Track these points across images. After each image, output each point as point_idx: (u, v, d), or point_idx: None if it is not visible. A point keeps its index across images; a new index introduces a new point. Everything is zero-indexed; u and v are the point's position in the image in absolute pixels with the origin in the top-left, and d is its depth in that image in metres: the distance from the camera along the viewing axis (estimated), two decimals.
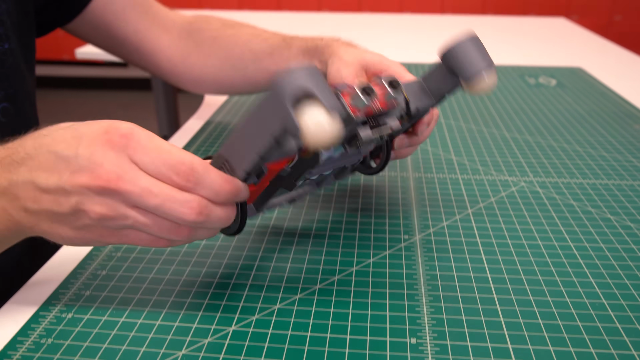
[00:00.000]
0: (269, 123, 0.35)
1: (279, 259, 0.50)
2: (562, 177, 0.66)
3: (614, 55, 1.28)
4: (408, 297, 0.45)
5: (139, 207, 0.37)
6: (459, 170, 0.68)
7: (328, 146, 0.33)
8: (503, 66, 1.17)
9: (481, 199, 0.61)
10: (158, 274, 0.48)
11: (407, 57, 1.24)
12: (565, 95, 0.97)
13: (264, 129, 0.35)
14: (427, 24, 1.65)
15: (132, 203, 0.37)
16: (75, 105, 3.32)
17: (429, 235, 0.54)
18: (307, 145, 0.33)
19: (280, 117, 0.33)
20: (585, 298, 0.45)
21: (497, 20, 1.70)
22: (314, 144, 0.33)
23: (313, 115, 0.32)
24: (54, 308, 0.44)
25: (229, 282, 0.47)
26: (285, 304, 0.44)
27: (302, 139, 0.33)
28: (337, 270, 0.48)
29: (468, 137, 0.78)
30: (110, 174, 0.36)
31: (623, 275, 0.48)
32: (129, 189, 0.36)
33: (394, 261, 0.50)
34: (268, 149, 0.36)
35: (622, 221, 0.56)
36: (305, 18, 1.73)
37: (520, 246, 0.52)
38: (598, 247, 0.52)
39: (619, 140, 0.77)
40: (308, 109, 0.32)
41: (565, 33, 1.53)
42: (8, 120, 0.57)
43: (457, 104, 0.92)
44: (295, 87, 0.32)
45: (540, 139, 0.77)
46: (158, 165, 0.37)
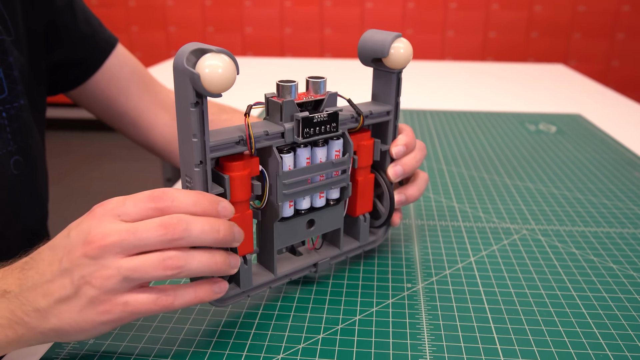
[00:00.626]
0: (184, 98, 0.39)
1: (282, 308, 0.50)
2: (564, 225, 0.66)
3: (612, 102, 1.30)
4: (411, 347, 0.45)
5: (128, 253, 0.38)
6: (461, 217, 0.68)
7: (228, 84, 0.38)
8: (503, 112, 1.19)
9: (483, 247, 0.61)
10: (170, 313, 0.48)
11: (407, 104, 1.26)
12: (565, 142, 0.99)
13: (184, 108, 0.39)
14: (426, 70, 1.67)
15: (121, 252, 0.38)
16: (80, 146, 3.36)
17: (431, 284, 0.54)
18: (210, 88, 0.38)
19: (185, 80, 0.38)
20: (589, 349, 0.45)
21: (497, 67, 1.73)
22: (214, 84, 0.38)
23: (205, 61, 0.38)
24: None
25: (232, 331, 0.47)
26: (288, 354, 0.44)
27: (204, 83, 0.38)
28: (341, 319, 0.48)
29: (470, 184, 0.79)
30: (96, 235, 0.38)
31: (627, 326, 0.48)
32: (115, 239, 0.37)
33: (397, 310, 0.50)
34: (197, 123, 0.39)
35: (624, 270, 0.57)
36: (308, 64, 1.76)
37: (523, 295, 0.52)
38: (601, 296, 0.52)
39: (620, 187, 0.78)
40: (200, 60, 0.38)
41: (564, 80, 1.56)
42: (20, 172, 0.58)
43: (458, 151, 0.93)
44: (184, 52, 0.38)
45: (542, 186, 0.78)
46: (137, 203, 0.39)
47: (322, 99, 0.47)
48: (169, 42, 3.21)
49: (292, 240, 0.50)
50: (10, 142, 0.57)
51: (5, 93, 0.56)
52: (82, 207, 2.20)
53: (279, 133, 0.45)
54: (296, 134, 0.46)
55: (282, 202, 0.47)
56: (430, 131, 1.05)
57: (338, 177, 0.50)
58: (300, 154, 0.47)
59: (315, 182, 0.49)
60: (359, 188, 0.53)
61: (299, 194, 0.48)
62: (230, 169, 0.43)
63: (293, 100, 0.45)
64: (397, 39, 0.49)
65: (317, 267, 0.52)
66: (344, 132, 0.49)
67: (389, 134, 0.54)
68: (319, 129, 0.47)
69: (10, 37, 0.58)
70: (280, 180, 0.46)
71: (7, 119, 0.56)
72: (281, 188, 0.46)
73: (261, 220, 0.49)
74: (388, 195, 0.54)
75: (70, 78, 0.70)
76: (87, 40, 0.69)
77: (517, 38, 3.01)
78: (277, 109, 0.46)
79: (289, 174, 0.46)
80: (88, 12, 0.71)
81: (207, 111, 0.40)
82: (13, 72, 0.57)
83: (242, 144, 0.43)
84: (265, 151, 0.46)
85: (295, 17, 3.08)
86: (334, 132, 0.48)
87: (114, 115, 0.75)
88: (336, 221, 0.53)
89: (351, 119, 0.50)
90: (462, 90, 1.40)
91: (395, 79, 0.52)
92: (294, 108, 0.46)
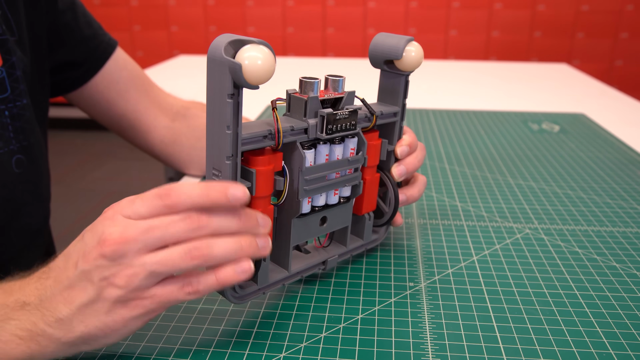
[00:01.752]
0: (219, 89, 0.39)
1: (285, 306, 0.50)
2: (567, 224, 0.66)
3: (616, 101, 1.30)
4: (414, 346, 0.45)
5: (150, 248, 0.37)
6: (463, 216, 0.68)
7: (267, 75, 0.38)
8: (506, 112, 1.19)
9: (486, 246, 0.61)
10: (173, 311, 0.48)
11: (411, 103, 1.26)
12: (568, 141, 0.98)
13: (219, 100, 0.39)
14: (429, 69, 1.67)
15: (143, 249, 0.37)
16: (82, 145, 3.36)
17: (434, 283, 0.54)
18: (250, 79, 0.38)
19: (224, 71, 0.38)
20: (592, 348, 0.45)
21: (500, 66, 1.73)
22: (255, 75, 0.38)
23: (245, 53, 0.38)
24: None
25: (234, 330, 0.47)
26: (290, 352, 0.44)
27: (244, 74, 0.37)
28: (343, 318, 0.48)
29: (473, 184, 0.79)
30: (112, 234, 0.37)
31: (629, 325, 0.48)
32: (133, 236, 0.37)
33: (399, 309, 0.50)
34: (231, 115, 0.39)
35: (627, 269, 0.56)
36: (311, 63, 1.76)
37: (526, 294, 0.52)
38: (604, 295, 0.52)
39: (623, 187, 0.78)
40: (240, 51, 0.38)
41: (567, 79, 1.55)
42: (21, 171, 0.58)
43: (461, 150, 0.93)
44: (221, 43, 0.38)
45: (545, 186, 0.78)
46: (145, 202, 0.38)
47: (342, 97, 0.48)
48: (171, 41, 3.21)
49: (306, 237, 0.51)
50: (13, 140, 0.57)
51: (8, 92, 0.56)
52: (84, 206, 2.21)
53: (303, 129, 0.46)
54: (320, 130, 0.46)
55: (302, 198, 0.47)
56: (433, 130, 1.05)
57: (351, 175, 0.51)
58: (321, 150, 0.48)
59: (332, 179, 0.49)
60: (366, 187, 0.54)
61: (317, 190, 0.48)
62: (256, 164, 0.43)
63: (317, 97, 0.46)
64: (410, 42, 0.51)
65: (325, 265, 0.53)
66: (358, 132, 0.50)
67: (395, 135, 0.55)
68: (340, 126, 0.47)
69: (14, 37, 0.58)
70: (302, 176, 0.46)
71: (10, 117, 0.57)
72: (303, 184, 0.46)
73: (277, 216, 0.49)
74: (393, 195, 0.55)
75: (70, 80, 0.71)
76: (88, 42, 0.70)
77: (520, 37, 3.00)
78: (301, 105, 0.46)
79: (311, 170, 0.47)
80: (89, 14, 0.71)
81: (242, 103, 0.40)
82: (16, 72, 0.57)
83: (270, 138, 0.43)
84: (289, 147, 0.46)
85: (297, 16, 3.08)
86: (352, 129, 0.48)
87: (113, 118, 0.76)
88: (345, 219, 0.54)
89: (365, 118, 0.51)
90: (465, 90, 1.40)
91: (404, 81, 0.53)
92: (317, 104, 0.46)
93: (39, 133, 0.62)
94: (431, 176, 0.81)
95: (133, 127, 0.77)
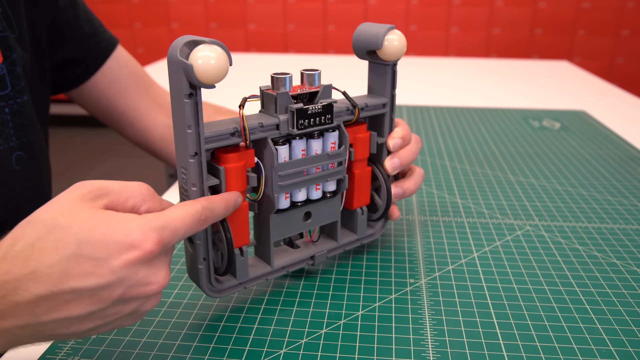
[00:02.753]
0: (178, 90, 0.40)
1: (285, 302, 0.50)
2: (568, 220, 0.66)
3: (617, 98, 1.30)
4: (414, 342, 0.45)
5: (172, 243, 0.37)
6: (464, 213, 0.68)
7: (221, 75, 0.38)
8: (507, 109, 1.19)
9: (487, 242, 0.61)
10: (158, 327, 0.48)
11: (411, 100, 1.25)
12: (569, 138, 0.98)
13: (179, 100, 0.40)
14: (430, 66, 1.67)
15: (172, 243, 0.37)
16: (83, 142, 3.36)
17: (434, 279, 0.54)
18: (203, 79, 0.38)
19: (179, 72, 0.39)
20: (592, 344, 0.45)
21: (501, 63, 1.72)
22: (207, 74, 0.38)
23: (198, 53, 0.38)
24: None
25: (235, 326, 0.47)
26: (291, 348, 0.44)
27: (197, 74, 0.38)
28: (343, 314, 0.48)
29: (473, 180, 0.79)
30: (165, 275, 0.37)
31: (630, 321, 0.48)
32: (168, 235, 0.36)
33: (400, 305, 0.50)
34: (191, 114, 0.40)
35: (628, 266, 0.56)
36: (311, 60, 1.76)
37: (526, 291, 0.52)
38: (604, 292, 0.52)
39: (624, 184, 0.77)
40: (193, 51, 0.38)
41: (568, 76, 1.55)
42: (22, 168, 0.58)
43: (462, 147, 0.93)
44: (178, 44, 0.39)
45: (545, 182, 0.78)
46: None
47: (317, 91, 0.48)
48: (172, 38, 3.21)
49: (288, 232, 0.50)
50: (13, 137, 0.57)
51: (8, 89, 0.56)
52: None
53: (274, 125, 0.46)
54: (291, 125, 0.46)
55: (277, 194, 0.47)
56: (434, 127, 1.05)
57: (334, 169, 0.50)
58: (296, 145, 0.48)
59: (311, 174, 0.49)
60: (356, 181, 0.54)
61: (294, 186, 0.48)
62: (225, 161, 0.44)
63: (287, 92, 0.46)
64: (391, 30, 0.50)
65: (314, 260, 0.52)
66: (339, 125, 0.50)
67: (385, 127, 0.54)
68: (313, 120, 0.47)
69: (14, 34, 0.58)
70: (275, 172, 0.46)
71: (10, 114, 0.57)
72: (276, 180, 0.47)
73: (258, 212, 0.49)
74: (385, 188, 0.55)
75: (71, 77, 0.71)
76: (88, 39, 0.70)
77: (521, 34, 3.00)
78: (272, 101, 0.46)
79: (284, 166, 0.47)
80: (89, 12, 0.72)
81: (201, 103, 0.40)
82: (16, 69, 0.57)
83: (237, 135, 0.44)
84: (261, 143, 0.46)
85: (298, 13, 3.08)
86: (329, 123, 0.48)
87: (113, 116, 0.76)
88: (333, 214, 0.53)
89: (346, 111, 0.50)
90: (466, 87, 1.40)
91: (390, 71, 0.52)
92: (288, 100, 0.46)
93: (39, 130, 0.62)
94: (432, 173, 0.81)
95: (132, 126, 0.77)
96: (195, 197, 0.42)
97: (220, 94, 1.09)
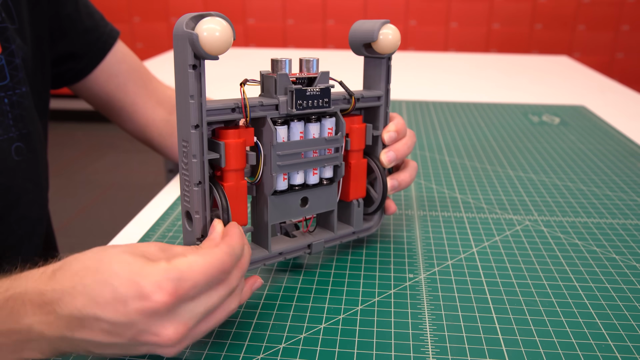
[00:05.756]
0: (182, 62, 0.41)
1: (284, 297, 0.50)
2: (567, 216, 0.66)
3: (616, 93, 1.30)
4: (413, 337, 0.45)
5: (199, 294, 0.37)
6: (463, 208, 0.68)
7: (225, 46, 0.40)
8: (507, 104, 1.18)
9: (486, 237, 0.61)
10: None
11: (410, 95, 1.25)
12: (568, 133, 0.98)
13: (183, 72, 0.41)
14: (430, 61, 1.67)
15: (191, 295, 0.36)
16: (82, 137, 3.36)
17: (434, 274, 0.54)
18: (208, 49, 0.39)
19: (184, 43, 0.40)
20: (591, 339, 0.45)
21: (501, 59, 1.72)
22: (212, 45, 0.39)
23: (204, 25, 0.39)
24: None
25: (234, 321, 0.47)
26: (290, 343, 0.44)
27: (202, 45, 0.39)
28: (342, 309, 0.48)
29: (472, 175, 0.79)
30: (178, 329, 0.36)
31: (629, 316, 0.48)
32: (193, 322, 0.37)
33: (399, 300, 0.50)
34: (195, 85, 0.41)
35: (627, 261, 0.56)
36: (311, 55, 1.76)
37: (526, 286, 0.52)
38: (603, 287, 0.52)
39: (623, 179, 0.77)
40: (199, 23, 0.40)
41: (568, 71, 1.55)
42: (21, 159, 0.58)
43: (461, 142, 0.93)
44: (184, 19, 0.40)
45: (545, 178, 0.78)
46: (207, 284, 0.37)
47: (315, 77, 0.49)
48: (171, 33, 3.20)
49: (285, 216, 0.51)
50: (12, 128, 0.57)
51: (7, 79, 0.56)
52: (84, 198, 2.21)
53: (274, 105, 0.47)
54: (290, 105, 0.47)
55: (276, 173, 0.48)
56: (434, 122, 1.05)
57: (331, 154, 0.51)
58: (294, 127, 0.49)
59: (309, 157, 0.50)
60: (352, 171, 0.54)
61: (292, 167, 0.49)
62: (225, 136, 0.44)
63: (287, 74, 0.47)
64: (385, 24, 0.52)
65: (311, 249, 0.53)
66: (336, 112, 0.51)
67: (380, 120, 0.55)
68: (312, 102, 0.48)
69: (14, 25, 0.58)
70: (274, 151, 0.47)
71: (9, 105, 0.57)
72: (275, 159, 0.47)
73: (255, 195, 0.50)
74: (381, 181, 0.55)
75: (72, 72, 0.71)
76: (89, 33, 0.70)
77: (521, 30, 3.00)
78: (272, 83, 0.47)
79: (283, 146, 0.48)
80: (90, 5, 0.71)
81: (205, 75, 0.41)
82: (15, 60, 0.57)
83: (238, 111, 0.45)
84: (260, 122, 0.47)
85: (297, 8, 3.07)
86: (326, 107, 0.49)
87: (112, 110, 0.76)
88: (330, 202, 0.54)
89: (343, 99, 0.52)
90: (465, 82, 1.40)
91: (385, 65, 0.54)
92: (287, 81, 0.47)
93: (38, 123, 0.62)
94: (431, 168, 0.81)
95: (132, 120, 0.77)
96: (195, 169, 0.42)
97: (219, 89, 1.09)
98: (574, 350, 0.43)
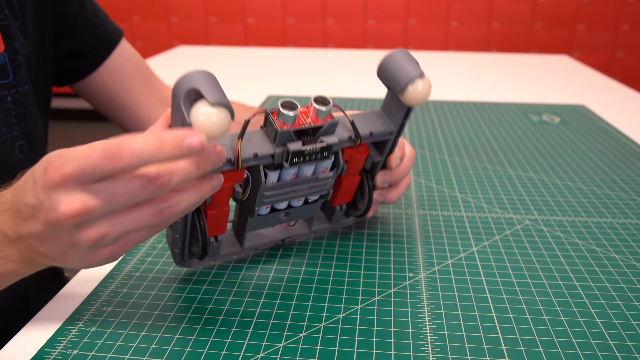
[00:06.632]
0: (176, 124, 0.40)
1: (284, 297, 0.50)
2: (567, 215, 0.66)
3: (617, 93, 1.30)
4: (413, 336, 0.45)
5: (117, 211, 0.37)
6: (463, 207, 0.68)
7: (219, 134, 0.38)
8: (506, 103, 1.18)
9: (486, 237, 0.61)
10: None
11: None
12: (568, 132, 0.98)
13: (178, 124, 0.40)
14: (430, 60, 1.67)
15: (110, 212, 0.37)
16: (83, 136, 3.36)
17: (433, 274, 0.54)
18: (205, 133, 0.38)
19: (179, 115, 0.39)
20: (591, 338, 0.45)
21: (501, 58, 1.72)
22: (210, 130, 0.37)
23: (200, 109, 0.37)
24: (78, 323, 0.46)
25: (234, 320, 0.47)
26: (290, 342, 0.44)
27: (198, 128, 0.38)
28: (342, 308, 0.48)
29: (472, 175, 0.79)
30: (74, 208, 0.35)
31: (629, 316, 0.48)
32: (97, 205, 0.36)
33: (398, 299, 0.50)
34: None
35: (627, 260, 0.56)
36: (311, 54, 1.76)
37: (525, 285, 0.52)
38: (603, 286, 0.52)
39: (623, 178, 0.77)
40: (196, 104, 0.38)
41: (568, 71, 1.55)
42: (24, 157, 0.58)
43: (461, 141, 0.93)
44: (186, 88, 0.38)
45: (545, 177, 0.78)
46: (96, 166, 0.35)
47: (321, 126, 0.46)
48: (171, 32, 3.20)
49: (265, 226, 0.53)
50: (15, 126, 0.57)
51: (10, 77, 0.56)
52: None
53: (269, 155, 0.45)
54: (285, 159, 0.46)
55: (259, 207, 0.49)
56: (434, 122, 1.05)
57: (320, 187, 0.51)
58: (287, 170, 0.48)
59: (298, 191, 0.50)
60: (342, 188, 0.54)
61: (277, 200, 0.49)
62: None
63: (289, 131, 0.44)
64: (416, 80, 0.46)
65: (283, 243, 0.56)
66: (337, 151, 0.49)
67: (386, 149, 0.53)
68: (309, 157, 0.46)
69: (17, 22, 0.58)
70: (261, 192, 0.47)
71: (12, 103, 0.57)
72: (261, 197, 0.48)
73: (238, 207, 0.51)
74: (368, 196, 0.56)
75: (76, 70, 0.70)
76: (93, 31, 0.70)
77: (521, 29, 2.99)
78: (272, 133, 0.45)
79: (272, 187, 0.47)
80: (95, 3, 0.72)
81: None
82: (18, 57, 0.57)
83: (231, 164, 0.44)
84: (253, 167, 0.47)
85: (297, 7, 3.07)
86: (325, 158, 0.48)
87: (115, 109, 0.76)
88: (312, 212, 0.55)
89: (349, 140, 0.49)
90: (465, 81, 1.40)
91: (405, 109, 0.49)
92: (288, 137, 0.45)
93: (40, 121, 0.62)
94: (431, 167, 0.81)
95: (135, 119, 0.77)
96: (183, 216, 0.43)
97: None
98: (574, 350, 0.43)
